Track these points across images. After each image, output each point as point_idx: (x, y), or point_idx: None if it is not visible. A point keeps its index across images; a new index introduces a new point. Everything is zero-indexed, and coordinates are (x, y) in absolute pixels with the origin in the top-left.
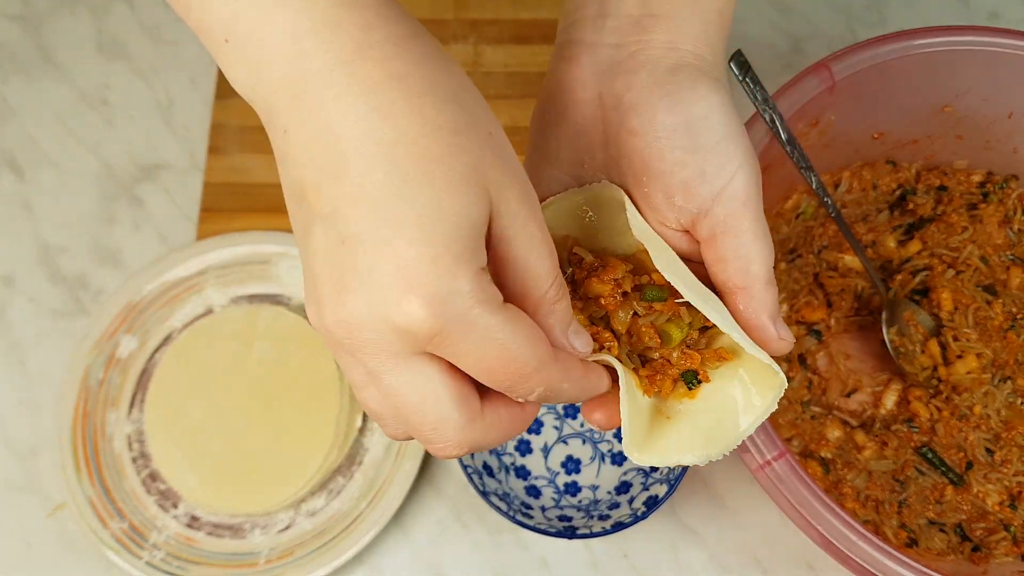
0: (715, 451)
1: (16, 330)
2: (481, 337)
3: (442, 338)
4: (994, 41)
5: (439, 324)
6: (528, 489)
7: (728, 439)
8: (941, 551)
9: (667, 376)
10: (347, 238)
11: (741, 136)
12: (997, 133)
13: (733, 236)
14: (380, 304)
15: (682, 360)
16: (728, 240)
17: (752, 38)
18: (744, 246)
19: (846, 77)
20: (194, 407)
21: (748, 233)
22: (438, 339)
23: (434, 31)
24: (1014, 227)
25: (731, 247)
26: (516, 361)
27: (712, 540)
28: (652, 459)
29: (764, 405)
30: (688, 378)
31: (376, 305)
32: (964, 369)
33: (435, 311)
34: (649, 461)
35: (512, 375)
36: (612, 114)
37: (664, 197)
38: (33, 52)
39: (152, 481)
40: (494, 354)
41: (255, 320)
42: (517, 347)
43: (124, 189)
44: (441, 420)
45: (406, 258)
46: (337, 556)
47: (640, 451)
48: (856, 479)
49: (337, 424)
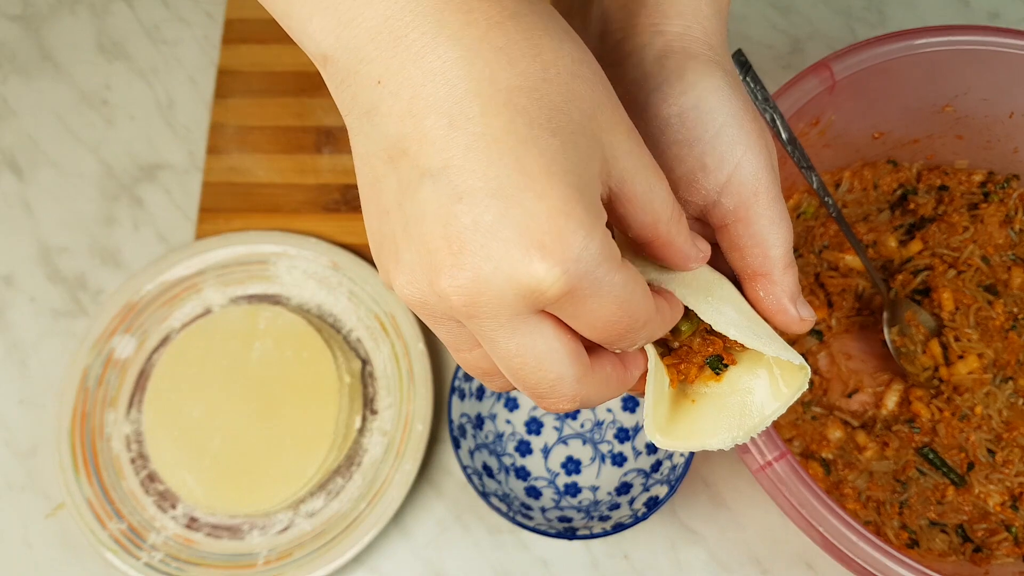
0: (741, 434)
1: (16, 330)
2: (606, 295)
3: (570, 297)
4: (994, 41)
5: (571, 284)
6: (528, 490)
7: (754, 422)
8: (942, 552)
9: (692, 363)
10: (465, 193)
11: (745, 117)
12: (998, 133)
13: (745, 224)
14: (507, 265)
15: (705, 347)
16: (740, 228)
17: (752, 38)
18: (759, 233)
19: (847, 77)
20: (193, 407)
21: (763, 219)
22: (565, 299)
23: None
24: (1015, 227)
25: (745, 235)
26: (632, 316)
27: (713, 541)
28: (676, 444)
29: (790, 393)
30: (713, 363)
31: (503, 266)
32: (965, 369)
33: (568, 271)
34: (673, 446)
35: (624, 329)
36: None
37: None
38: (33, 52)
39: (151, 482)
40: (613, 310)
41: (254, 320)
42: (636, 303)
43: (124, 189)
44: (560, 378)
45: (535, 214)
46: (336, 557)
47: (664, 435)
48: (857, 480)
49: (336, 425)
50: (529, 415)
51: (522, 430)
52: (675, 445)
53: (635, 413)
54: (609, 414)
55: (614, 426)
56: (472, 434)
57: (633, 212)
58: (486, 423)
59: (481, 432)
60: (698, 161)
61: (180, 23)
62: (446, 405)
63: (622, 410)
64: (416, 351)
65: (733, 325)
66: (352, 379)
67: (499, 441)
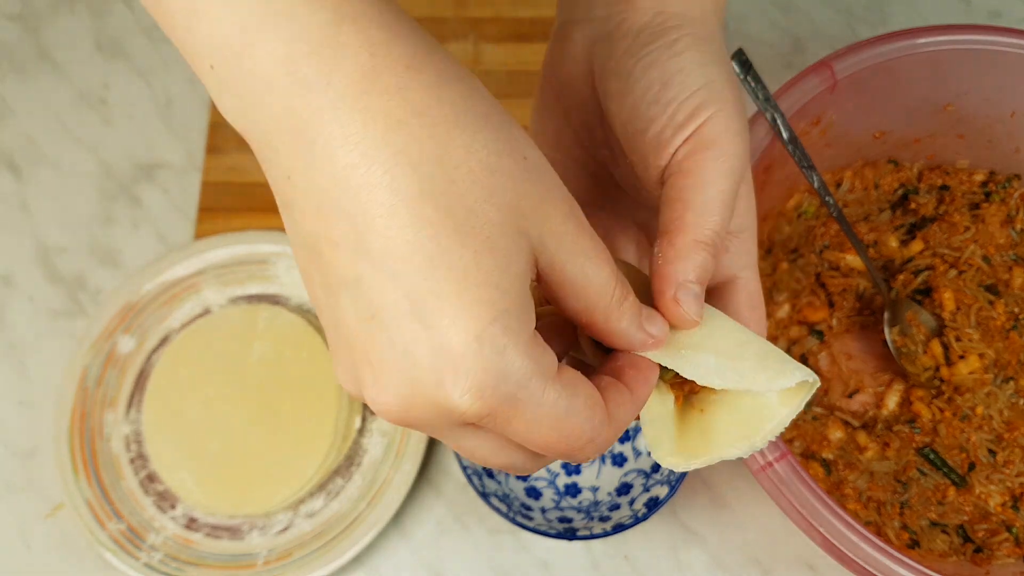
0: (759, 439)
1: (15, 330)
2: (533, 417)
3: (492, 419)
4: (996, 40)
5: (490, 408)
6: (528, 490)
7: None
8: (943, 552)
9: None
10: (377, 312)
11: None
12: (999, 132)
13: (683, 176)
14: (425, 388)
15: None
16: (679, 180)
17: (753, 37)
18: (691, 187)
19: (848, 76)
20: (192, 407)
21: (703, 176)
22: (487, 420)
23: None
24: (1016, 227)
25: (678, 187)
26: (568, 437)
27: (713, 541)
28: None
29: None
30: None
31: (421, 389)
32: (966, 370)
33: (484, 396)
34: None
35: (565, 448)
36: (599, 84)
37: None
38: (32, 51)
39: (150, 482)
40: (544, 433)
41: (254, 320)
42: (572, 423)
43: (122, 189)
44: (522, 462)
45: (446, 338)
46: (336, 557)
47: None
48: (858, 480)
49: (336, 425)
50: None
51: None
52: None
53: None
54: None
55: None
56: None
57: (564, 298)
58: None
59: None
60: (671, 117)
61: None
62: None
63: None
64: None
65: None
66: None
67: None
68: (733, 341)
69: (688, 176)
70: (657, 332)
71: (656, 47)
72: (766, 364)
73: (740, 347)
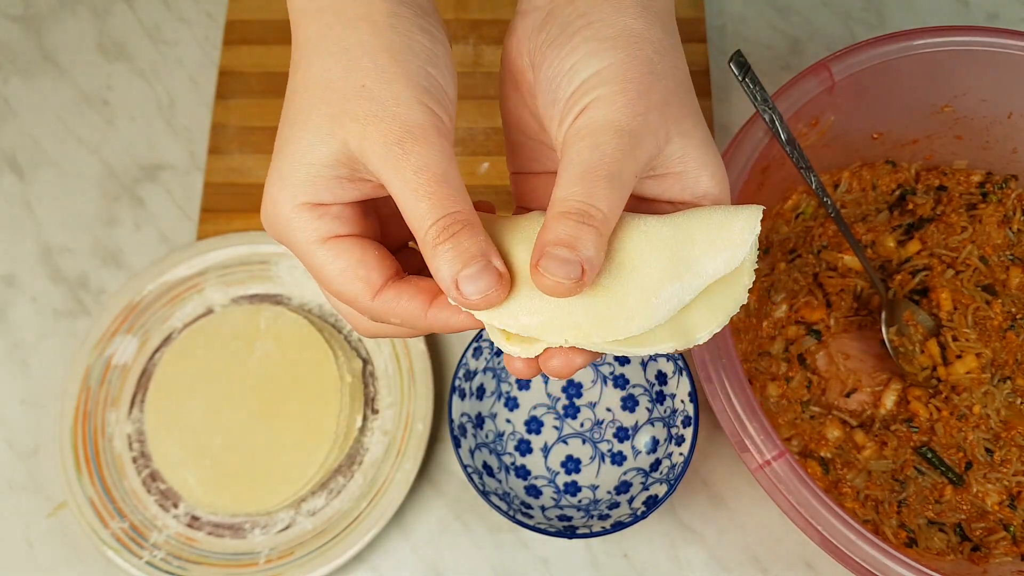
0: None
1: (18, 330)
2: (310, 263)
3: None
4: (993, 41)
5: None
6: (528, 489)
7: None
8: (940, 551)
9: None
10: None
11: (630, 62)
12: (996, 133)
13: (561, 161)
14: None
15: None
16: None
17: (751, 39)
18: (561, 170)
19: (846, 77)
20: (194, 407)
21: (564, 158)
22: None
23: None
24: (1013, 227)
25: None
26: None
27: (712, 540)
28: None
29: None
30: None
31: None
32: (963, 369)
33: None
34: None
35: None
36: (532, 77)
37: (557, 152)
38: (34, 52)
39: (152, 481)
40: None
41: (255, 320)
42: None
43: (125, 189)
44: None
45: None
46: (337, 556)
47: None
48: (855, 479)
49: (337, 424)
50: (529, 414)
51: (522, 429)
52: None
53: (634, 412)
54: (608, 413)
55: (613, 425)
56: (472, 433)
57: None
58: (486, 422)
59: (481, 431)
60: (562, 117)
61: (181, 24)
62: (446, 404)
63: (622, 409)
64: (417, 351)
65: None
66: (353, 378)
67: (499, 440)
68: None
69: (562, 159)
70: (470, 293)
71: (575, 32)
72: None
73: None
